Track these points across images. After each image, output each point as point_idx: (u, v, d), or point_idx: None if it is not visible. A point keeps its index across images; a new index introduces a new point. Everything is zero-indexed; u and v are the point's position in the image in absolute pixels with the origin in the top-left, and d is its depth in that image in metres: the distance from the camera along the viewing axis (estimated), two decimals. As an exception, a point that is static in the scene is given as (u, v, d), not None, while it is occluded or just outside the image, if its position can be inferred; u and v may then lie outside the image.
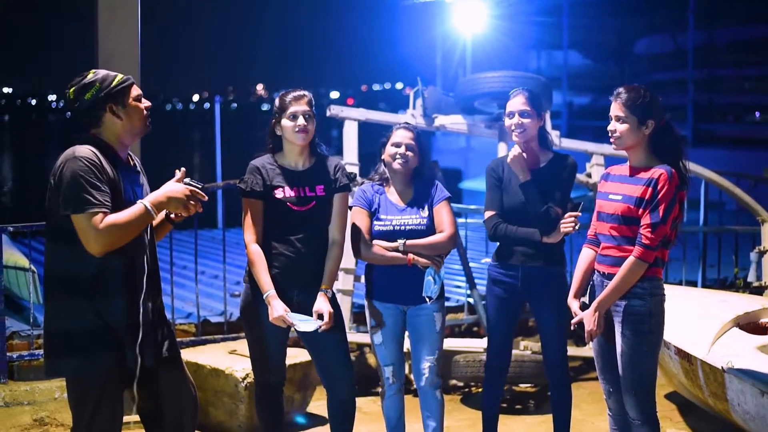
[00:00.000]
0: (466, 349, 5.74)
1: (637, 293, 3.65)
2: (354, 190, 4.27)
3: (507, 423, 5.19)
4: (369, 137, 5.24)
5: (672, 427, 5.16)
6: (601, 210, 3.79)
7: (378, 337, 4.14)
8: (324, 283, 3.86)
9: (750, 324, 4.88)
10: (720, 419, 4.85)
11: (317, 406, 5.37)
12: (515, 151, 4.18)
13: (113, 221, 3.02)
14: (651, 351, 3.67)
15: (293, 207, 3.87)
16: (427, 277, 4.04)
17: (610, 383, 3.87)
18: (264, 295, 3.79)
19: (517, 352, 5.62)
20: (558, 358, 4.25)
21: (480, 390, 5.80)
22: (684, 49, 21.62)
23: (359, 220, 4.11)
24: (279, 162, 3.95)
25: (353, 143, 6.04)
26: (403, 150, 4.10)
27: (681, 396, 5.37)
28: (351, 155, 6.01)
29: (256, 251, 3.83)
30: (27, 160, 39.25)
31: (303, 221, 3.87)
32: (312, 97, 3.95)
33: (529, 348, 5.79)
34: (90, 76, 3.19)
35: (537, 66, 25.35)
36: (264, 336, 3.90)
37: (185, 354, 5.03)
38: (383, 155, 4.17)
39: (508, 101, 4.22)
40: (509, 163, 4.20)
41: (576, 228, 4.04)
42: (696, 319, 4.92)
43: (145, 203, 3.10)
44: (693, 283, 7.26)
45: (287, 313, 3.75)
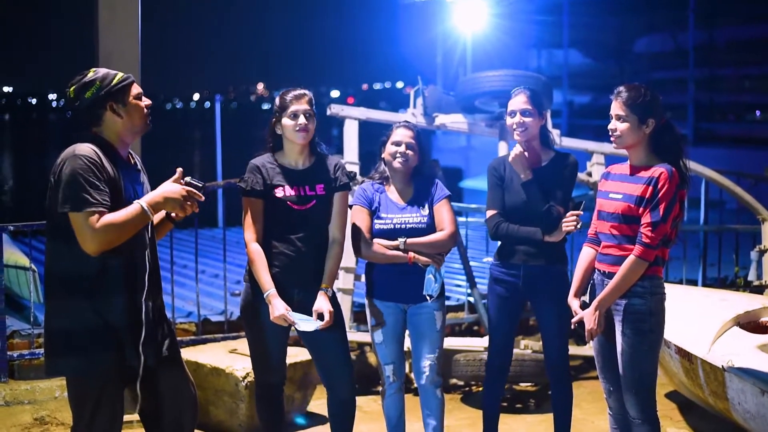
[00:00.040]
0: (466, 348, 5.74)
1: (638, 292, 3.65)
2: (354, 188, 4.26)
3: (507, 422, 5.19)
4: (369, 136, 5.23)
5: (672, 426, 5.16)
6: (602, 209, 3.79)
7: (378, 336, 4.14)
8: (324, 282, 3.86)
9: (750, 323, 4.88)
10: (720, 418, 4.84)
11: (317, 405, 5.37)
12: (517, 150, 4.17)
13: (109, 221, 3.02)
14: (651, 350, 3.67)
15: (293, 206, 3.87)
16: (428, 276, 4.04)
17: (610, 382, 3.86)
18: (265, 294, 3.78)
19: (518, 351, 5.62)
20: (559, 357, 4.25)
21: (480, 389, 5.80)
22: (684, 48, 21.62)
23: (360, 218, 4.11)
24: (279, 161, 3.94)
25: (353, 142, 6.03)
26: (404, 149, 4.09)
27: (681, 395, 5.37)
28: (351, 154, 6.01)
29: (256, 250, 3.83)
30: (27, 159, 39.24)
31: (303, 220, 3.87)
32: (312, 96, 3.95)
33: (530, 347, 5.78)
34: (90, 74, 3.19)
35: (537, 65, 25.33)
36: (264, 335, 3.90)
37: (185, 353, 5.03)
38: (383, 154, 4.17)
39: (509, 100, 4.22)
40: (511, 162, 4.20)
41: (578, 227, 4.03)
42: (696, 318, 4.92)
43: (142, 203, 3.10)
44: (693, 282, 7.26)
45: (288, 312, 3.76)
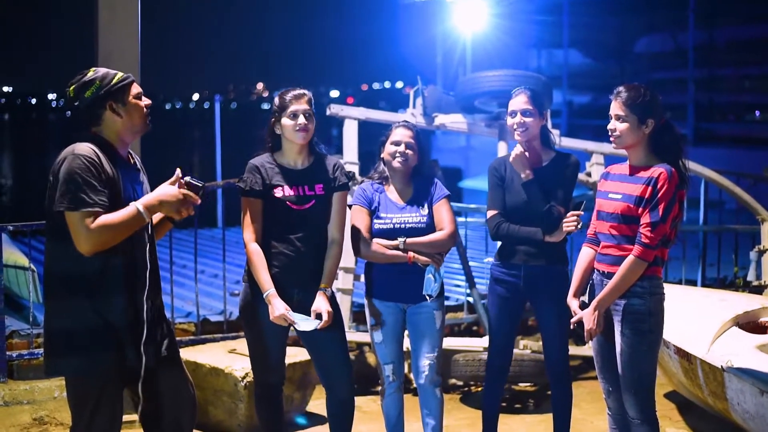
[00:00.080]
0: (465, 349, 5.74)
1: (637, 292, 3.65)
2: (354, 188, 4.26)
3: (506, 422, 5.18)
4: (369, 136, 5.24)
5: (671, 427, 5.16)
6: (601, 209, 3.79)
7: (378, 336, 4.14)
8: (323, 282, 3.86)
9: (749, 323, 4.88)
10: (719, 418, 4.85)
11: (316, 405, 5.37)
12: (517, 150, 4.17)
13: (105, 222, 3.02)
14: (650, 350, 3.67)
15: (292, 206, 3.86)
16: (428, 275, 4.04)
17: (609, 382, 3.86)
18: (264, 294, 3.78)
19: (517, 351, 5.61)
20: (559, 357, 4.24)
21: (479, 389, 5.80)
22: (684, 48, 21.63)
23: (359, 218, 4.10)
24: (278, 161, 3.94)
25: (353, 142, 6.03)
26: (403, 148, 4.09)
27: (680, 395, 5.37)
28: (351, 154, 6.01)
29: (255, 250, 3.83)
30: (27, 159, 39.25)
31: (302, 220, 3.87)
32: (311, 96, 3.95)
33: (529, 347, 5.78)
34: (90, 74, 3.18)
35: (537, 65, 25.34)
36: (263, 335, 3.90)
37: (185, 353, 5.03)
38: (383, 154, 4.17)
39: (509, 100, 4.21)
40: (511, 162, 4.19)
41: (578, 227, 4.03)
42: (695, 318, 4.92)
43: (138, 206, 3.10)
44: (693, 282, 7.26)
45: (288, 312, 3.76)
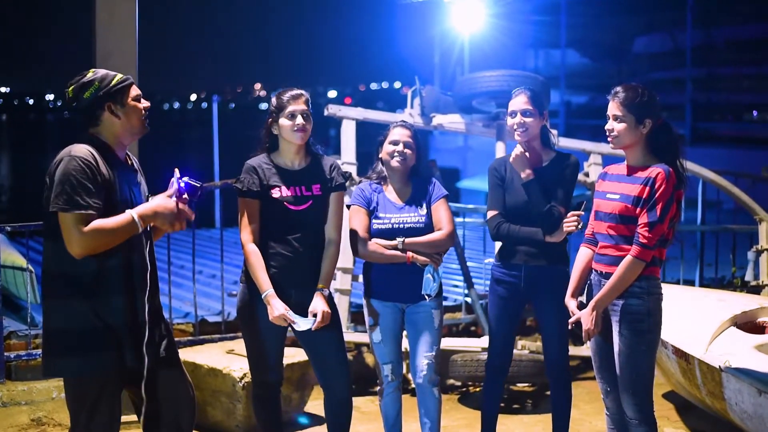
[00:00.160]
0: (463, 349, 5.73)
1: (635, 292, 3.65)
2: (352, 189, 4.26)
3: (505, 422, 5.19)
4: (367, 136, 5.24)
5: (669, 427, 5.16)
6: (599, 209, 3.79)
7: (377, 335, 4.14)
8: (320, 283, 3.86)
9: (747, 323, 4.88)
10: (717, 418, 4.85)
11: (315, 405, 5.37)
12: (518, 151, 4.17)
13: (98, 226, 3.02)
14: (648, 350, 3.67)
15: (290, 206, 3.86)
16: (426, 275, 4.04)
17: (607, 382, 3.86)
18: (263, 295, 3.78)
19: (515, 351, 5.60)
20: (559, 357, 4.24)
21: (477, 389, 5.80)
22: (682, 48, 21.67)
23: (358, 218, 4.10)
24: (275, 161, 3.94)
25: (351, 142, 6.03)
26: (401, 148, 4.09)
27: (679, 395, 5.38)
28: (349, 154, 6.00)
29: (253, 251, 3.83)
30: (25, 159, 39.22)
31: (300, 220, 3.87)
32: (309, 96, 3.95)
33: (527, 347, 5.78)
34: (89, 75, 3.18)
35: (535, 65, 25.39)
36: (261, 335, 3.90)
37: (183, 354, 5.02)
38: (381, 154, 4.17)
39: (509, 101, 4.20)
40: (512, 163, 4.19)
41: (578, 227, 4.03)
42: (693, 319, 4.92)
43: (134, 214, 3.10)
44: (691, 282, 7.27)
45: (287, 312, 3.76)
